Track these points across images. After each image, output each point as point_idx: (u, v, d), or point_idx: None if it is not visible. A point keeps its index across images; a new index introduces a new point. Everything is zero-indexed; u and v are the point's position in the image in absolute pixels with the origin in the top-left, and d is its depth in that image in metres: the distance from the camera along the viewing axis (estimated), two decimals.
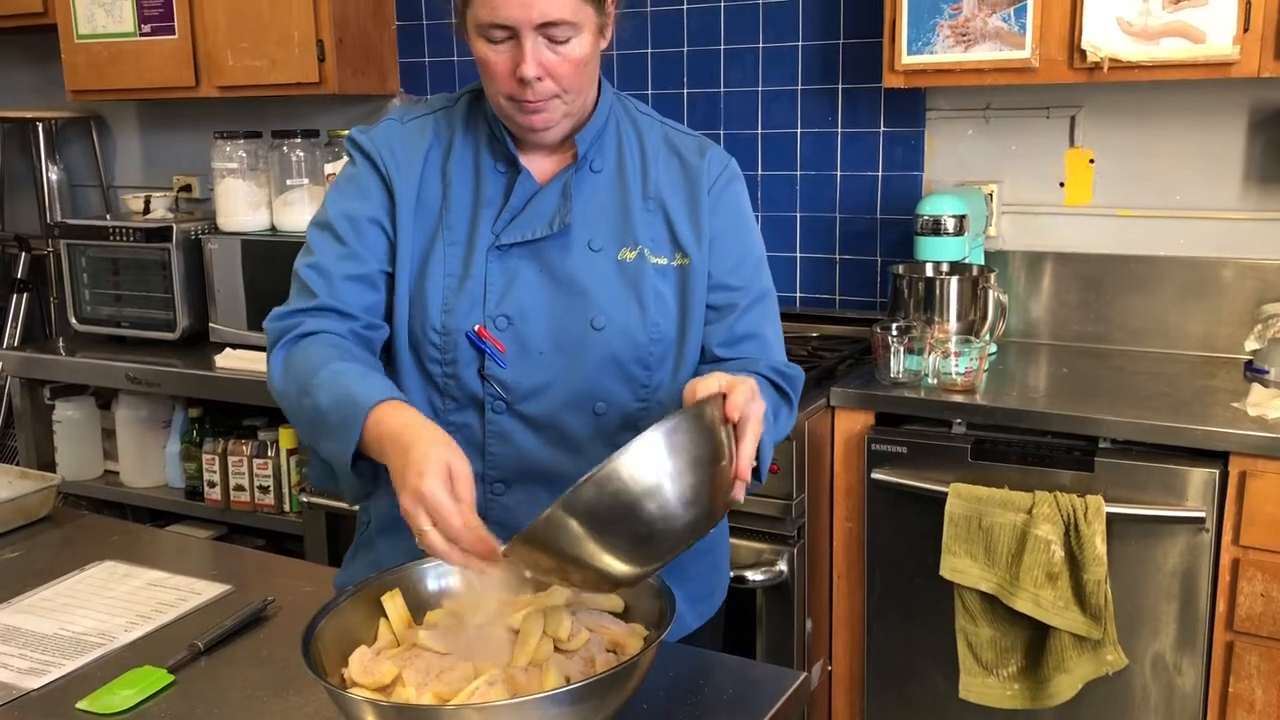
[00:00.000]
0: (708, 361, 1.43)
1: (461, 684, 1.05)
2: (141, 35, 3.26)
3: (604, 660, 1.12)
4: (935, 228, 2.46)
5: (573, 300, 1.37)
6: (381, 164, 1.39)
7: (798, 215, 2.91)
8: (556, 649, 1.12)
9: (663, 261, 1.40)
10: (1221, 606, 2.04)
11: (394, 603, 1.19)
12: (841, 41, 2.79)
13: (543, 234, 1.36)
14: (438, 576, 1.23)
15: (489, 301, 1.36)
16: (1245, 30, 2.13)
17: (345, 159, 1.45)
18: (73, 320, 3.32)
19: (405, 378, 1.40)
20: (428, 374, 1.39)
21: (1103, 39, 2.23)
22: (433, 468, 1.08)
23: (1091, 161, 2.62)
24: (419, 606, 1.20)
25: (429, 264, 1.38)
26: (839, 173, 2.85)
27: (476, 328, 1.36)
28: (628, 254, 1.39)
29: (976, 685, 2.17)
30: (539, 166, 1.41)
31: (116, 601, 1.48)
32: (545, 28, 1.27)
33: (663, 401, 1.41)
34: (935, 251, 2.48)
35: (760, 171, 2.93)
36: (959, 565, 2.13)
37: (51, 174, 3.89)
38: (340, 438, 1.21)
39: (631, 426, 1.39)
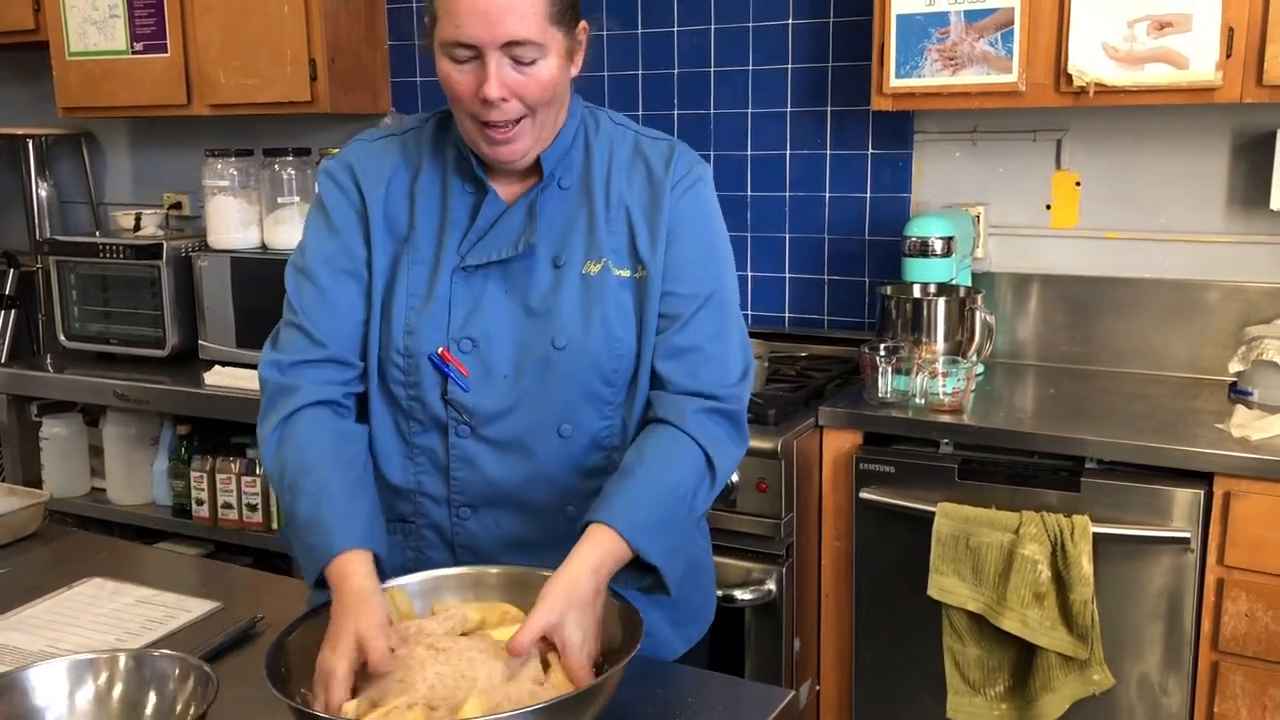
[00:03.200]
0: (652, 374, 1.39)
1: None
2: (134, 53, 3.27)
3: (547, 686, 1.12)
4: (923, 249, 2.47)
5: (536, 321, 1.35)
6: (352, 189, 1.39)
7: (787, 236, 2.93)
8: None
9: (625, 274, 1.38)
10: (1206, 626, 2.05)
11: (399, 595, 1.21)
12: (830, 64, 2.81)
13: (508, 255, 1.35)
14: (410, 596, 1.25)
15: (453, 323, 1.35)
16: (1228, 56, 2.16)
17: (319, 190, 1.44)
18: (61, 337, 3.31)
19: (372, 399, 1.39)
20: (393, 396, 1.38)
21: (1088, 64, 2.25)
22: (340, 641, 1.11)
23: (1078, 184, 2.65)
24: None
25: (394, 285, 1.37)
26: (827, 194, 2.87)
27: (439, 350, 1.35)
28: (592, 267, 1.37)
29: (964, 705, 2.17)
30: (506, 186, 1.40)
31: (104, 618, 1.47)
32: (510, 47, 1.25)
33: (623, 421, 1.39)
34: (923, 273, 2.49)
35: (750, 193, 2.95)
36: (946, 585, 2.14)
37: (41, 190, 3.88)
38: (307, 563, 1.24)
39: (599, 447, 1.38)
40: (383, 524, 1.30)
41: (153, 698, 1.14)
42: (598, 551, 1.20)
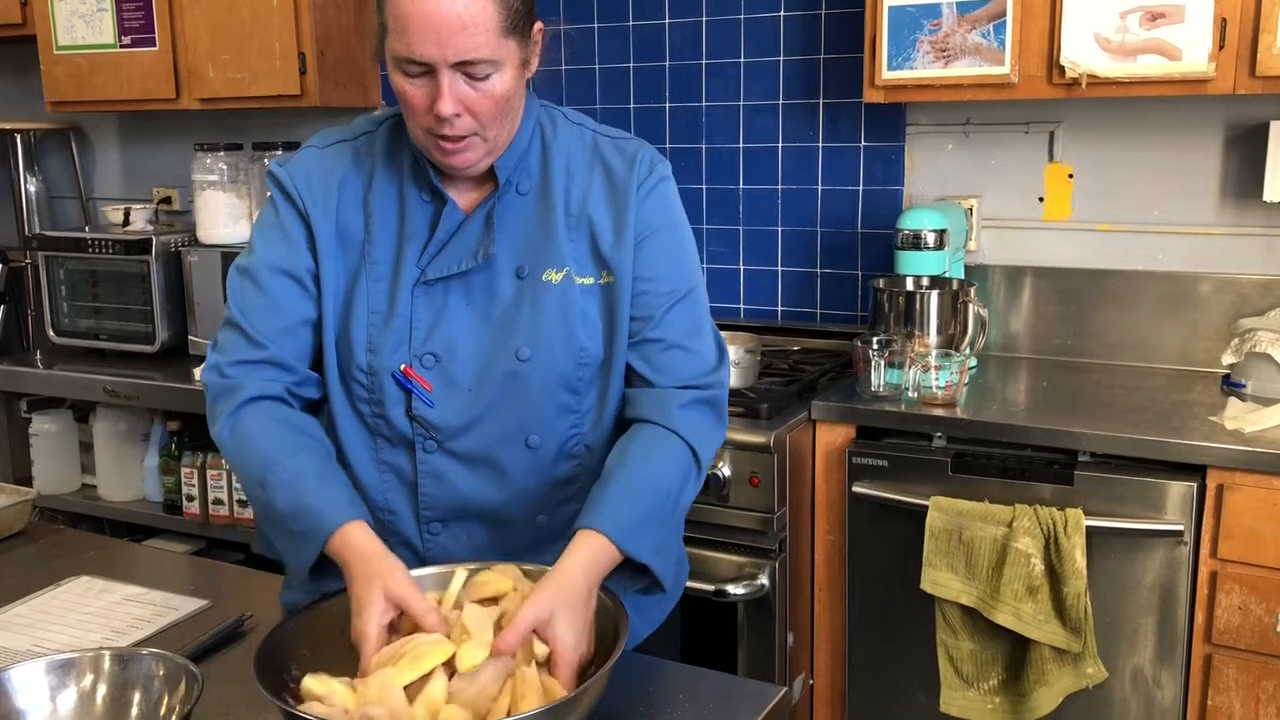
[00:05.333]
0: (630, 373, 1.38)
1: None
2: (122, 47, 3.25)
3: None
4: (915, 242, 2.47)
5: (499, 332, 1.34)
6: (300, 202, 1.37)
7: (779, 229, 2.92)
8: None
9: (589, 281, 1.36)
10: (1200, 619, 2.05)
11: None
12: (822, 57, 2.80)
13: (468, 266, 1.33)
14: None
15: (415, 339, 1.34)
16: (1220, 48, 2.15)
17: (269, 193, 1.42)
18: (50, 333, 3.29)
19: (339, 418, 1.38)
20: (359, 413, 1.37)
21: (1081, 55, 2.25)
22: (368, 604, 1.12)
23: (1070, 176, 2.64)
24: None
25: (353, 301, 1.35)
26: (820, 187, 2.86)
27: (402, 367, 1.33)
28: (554, 275, 1.34)
29: (957, 699, 2.17)
30: (463, 194, 1.37)
31: (92, 617, 1.46)
32: (463, 65, 1.23)
33: (591, 428, 1.38)
34: (915, 266, 2.49)
35: (741, 186, 2.94)
36: (940, 579, 2.14)
37: (30, 185, 3.86)
38: (299, 550, 1.23)
39: (567, 455, 1.37)
40: (362, 501, 1.29)
41: (137, 697, 1.13)
42: (587, 554, 1.19)
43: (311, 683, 1.06)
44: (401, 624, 1.15)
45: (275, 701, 1.02)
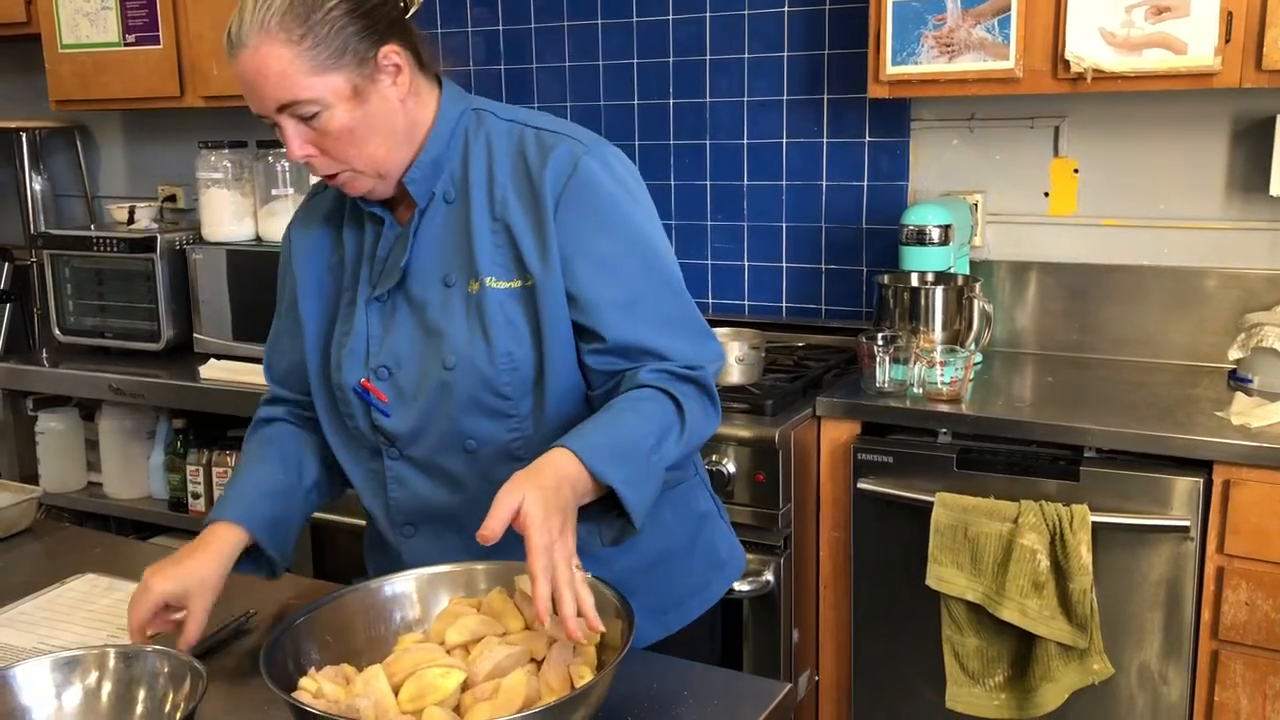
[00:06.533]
0: (595, 379, 1.36)
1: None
2: (126, 45, 3.25)
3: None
4: (920, 238, 2.46)
5: (432, 341, 1.36)
6: (296, 267, 1.47)
7: (784, 225, 2.92)
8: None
9: (511, 285, 1.33)
10: (1206, 615, 2.05)
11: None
12: (827, 52, 2.80)
13: (395, 280, 1.36)
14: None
15: (371, 354, 1.39)
16: (1226, 41, 2.14)
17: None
18: (56, 331, 3.30)
19: (328, 432, 1.48)
20: (346, 428, 1.45)
21: (1086, 50, 2.24)
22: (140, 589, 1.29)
23: (1076, 171, 2.63)
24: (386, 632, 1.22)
25: (335, 325, 1.44)
26: (824, 183, 2.86)
27: (361, 380, 1.39)
28: (474, 285, 1.34)
29: (963, 695, 2.17)
30: (402, 211, 1.40)
31: (97, 615, 1.47)
32: (288, 109, 1.25)
33: (532, 431, 1.36)
34: (920, 261, 2.48)
35: (746, 181, 2.94)
36: (945, 575, 2.13)
37: (35, 184, 3.86)
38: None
39: (511, 457, 1.36)
40: (271, 510, 1.39)
41: (142, 695, 1.13)
42: (556, 458, 1.16)
43: (306, 683, 1.07)
44: (430, 631, 1.19)
45: (286, 697, 1.01)
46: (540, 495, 1.10)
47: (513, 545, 1.12)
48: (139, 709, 1.13)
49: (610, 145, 1.38)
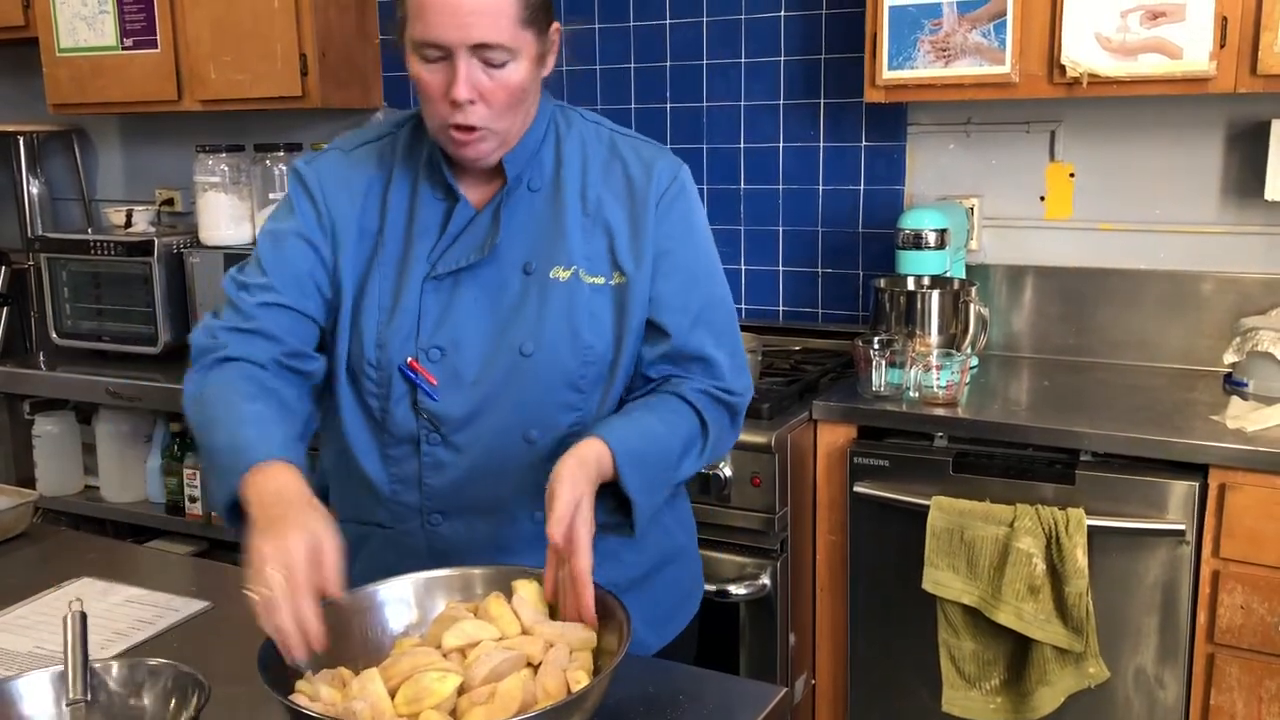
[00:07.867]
0: (638, 378, 1.40)
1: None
2: (123, 49, 3.25)
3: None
4: (916, 242, 2.47)
5: (504, 326, 1.35)
6: (322, 200, 1.38)
7: (780, 229, 2.92)
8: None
9: (599, 281, 1.36)
10: (1202, 619, 2.05)
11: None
12: (823, 57, 2.80)
13: (474, 259, 1.35)
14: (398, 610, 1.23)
15: (422, 333, 1.35)
16: (1221, 46, 2.15)
17: (289, 191, 1.43)
18: (53, 334, 3.30)
19: (345, 413, 1.39)
20: (367, 408, 1.38)
21: (1082, 54, 2.24)
22: (290, 548, 1.05)
23: (1072, 176, 2.64)
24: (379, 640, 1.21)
25: (365, 296, 1.37)
26: (821, 187, 2.86)
27: (409, 360, 1.35)
28: (561, 273, 1.35)
29: (959, 698, 2.17)
30: (476, 191, 1.39)
31: (93, 619, 1.45)
32: (480, 50, 1.25)
33: (588, 427, 1.37)
34: (917, 265, 2.48)
35: (743, 186, 2.94)
36: (941, 578, 2.14)
37: (32, 187, 3.86)
38: (220, 485, 1.19)
39: (563, 450, 1.34)
40: (305, 452, 1.25)
41: (145, 704, 1.13)
42: (601, 454, 1.23)
43: (303, 686, 1.07)
44: (428, 633, 1.18)
45: (283, 700, 1.01)
46: (571, 482, 1.18)
47: (539, 547, 1.16)
48: None
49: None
